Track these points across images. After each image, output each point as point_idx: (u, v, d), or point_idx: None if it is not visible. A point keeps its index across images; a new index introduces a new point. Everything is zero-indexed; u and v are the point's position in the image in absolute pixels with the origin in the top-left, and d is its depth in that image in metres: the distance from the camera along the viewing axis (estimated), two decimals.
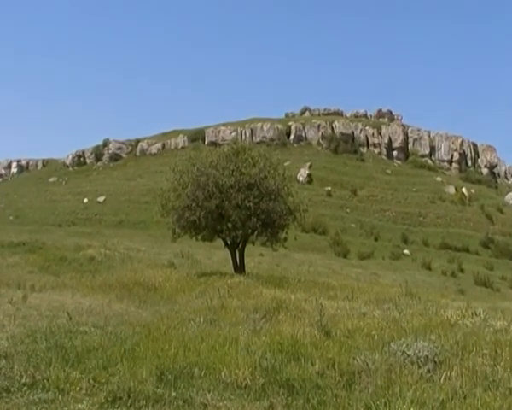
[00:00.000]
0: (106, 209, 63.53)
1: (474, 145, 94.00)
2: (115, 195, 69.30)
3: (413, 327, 8.10)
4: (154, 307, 11.22)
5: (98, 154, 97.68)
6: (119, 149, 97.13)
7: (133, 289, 14.00)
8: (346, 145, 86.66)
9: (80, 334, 7.85)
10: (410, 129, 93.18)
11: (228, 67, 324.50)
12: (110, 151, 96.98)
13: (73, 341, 7.33)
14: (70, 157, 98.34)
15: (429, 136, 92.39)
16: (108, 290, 13.64)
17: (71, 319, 8.76)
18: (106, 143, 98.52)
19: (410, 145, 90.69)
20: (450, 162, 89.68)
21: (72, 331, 7.97)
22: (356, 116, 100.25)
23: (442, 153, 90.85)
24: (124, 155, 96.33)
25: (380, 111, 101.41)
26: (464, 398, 5.38)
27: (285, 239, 19.97)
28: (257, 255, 35.00)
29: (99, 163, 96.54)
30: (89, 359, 6.56)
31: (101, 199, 67.79)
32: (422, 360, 6.38)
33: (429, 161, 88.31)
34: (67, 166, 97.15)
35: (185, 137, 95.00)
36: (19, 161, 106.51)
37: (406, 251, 55.31)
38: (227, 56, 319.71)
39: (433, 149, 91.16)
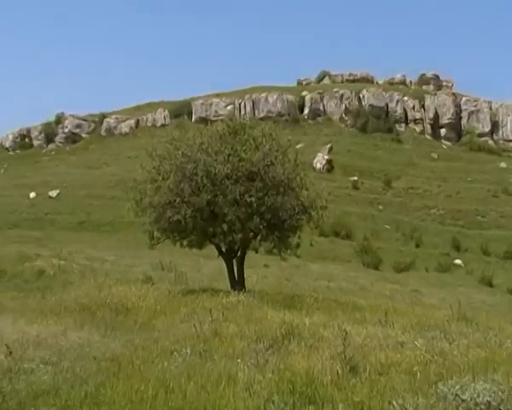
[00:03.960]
0: (60, 207, 63.46)
1: None
2: (73, 188, 69.29)
3: (469, 363, 8.07)
4: (126, 336, 11.19)
5: (49, 133, 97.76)
6: (78, 126, 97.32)
7: (97, 313, 13.96)
8: (377, 122, 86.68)
9: (25, 374, 7.81)
10: (463, 99, 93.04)
11: (220, 19, 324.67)
12: (66, 130, 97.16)
13: (15, 383, 7.30)
14: (11, 137, 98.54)
15: (490, 108, 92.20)
16: (64, 315, 13.59)
17: (11, 353, 8.68)
18: (60, 119, 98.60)
19: (464, 121, 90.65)
20: None
21: (13, 371, 7.93)
22: (391, 83, 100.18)
23: (508, 130, 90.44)
24: (84, 135, 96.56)
25: (423, 76, 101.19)
26: None
27: (297, 245, 19.93)
28: (261, 267, 34.93)
29: (50, 145, 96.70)
30: (37, 407, 6.53)
31: (53, 193, 67.76)
32: (483, 407, 6.33)
33: (490, 142, 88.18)
34: (7, 150, 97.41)
35: (166, 112, 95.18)
36: None
37: (458, 261, 55.23)
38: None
39: (495, 126, 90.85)
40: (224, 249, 19.10)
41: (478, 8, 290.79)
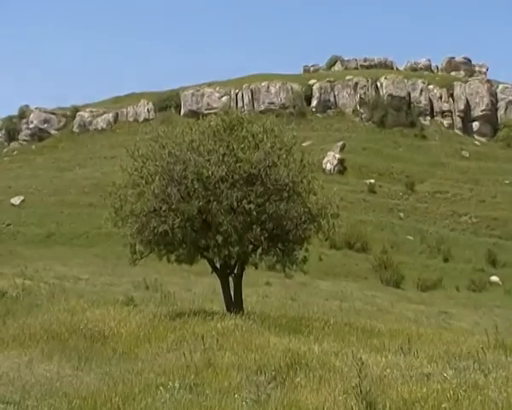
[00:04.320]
0: (25, 216, 63.53)
1: None
2: (40, 194, 69.39)
3: (508, 399, 8.05)
4: (103, 368, 11.18)
5: (11, 129, 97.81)
6: (46, 121, 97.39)
7: (69, 341, 13.94)
8: (398, 115, 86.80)
9: None
10: (500, 87, 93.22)
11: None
12: (31, 125, 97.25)
13: None
14: None
15: None
16: (29, 343, 13.55)
17: None
18: (24, 113, 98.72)
19: (501, 112, 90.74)
20: None
21: None
22: (414, 69, 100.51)
23: None
24: (53, 132, 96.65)
25: (451, 61, 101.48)
26: None
27: (304, 260, 19.91)
28: (262, 285, 35.01)
29: (13, 144, 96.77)
30: None
31: (16, 201, 67.77)
32: None
33: None
34: None
35: (150, 104, 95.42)
36: None
37: (495, 278, 55.19)
38: None
39: None
40: (218, 265, 19.10)
41: None
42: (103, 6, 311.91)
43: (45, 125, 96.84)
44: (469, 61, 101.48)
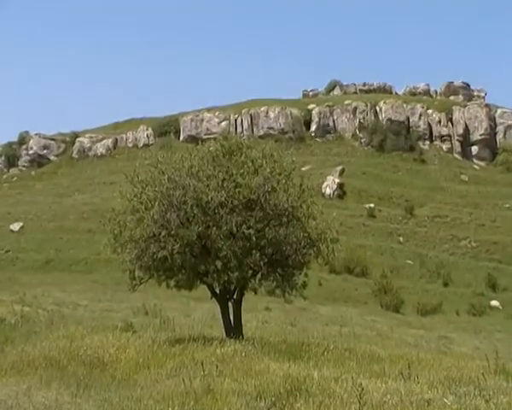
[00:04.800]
0: (24, 243, 63.52)
1: None
2: (39, 220, 69.41)
3: None
4: (102, 395, 11.14)
5: (11, 155, 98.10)
6: (45, 147, 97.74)
7: (68, 368, 13.90)
8: (397, 139, 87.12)
9: None
10: (499, 111, 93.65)
11: (214, 22, 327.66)
12: (30, 151, 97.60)
13: None
14: None
15: None
16: (27, 371, 13.51)
17: None
18: (24, 139, 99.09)
19: (500, 137, 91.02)
20: None
21: None
22: (413, 94, 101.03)
23: None
24: (52, 158, 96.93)
25: (450, 85, 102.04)
26: None
27: (304, 285, 19.88)
28: (261, 310, 34.92)
29: (12, 170, 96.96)
30: None
31: (15, 227, 67.78)
32: None
33: None
34: None
35: (149, 130, 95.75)
36: None
37: (495, 303, 55.05)
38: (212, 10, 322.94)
39: None
40: (217, 290, 19.05)
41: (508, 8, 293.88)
42: (103, 32, 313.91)
43: (45, 152, 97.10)
44: (468, 85, 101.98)
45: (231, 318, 19.19)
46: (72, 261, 57.81)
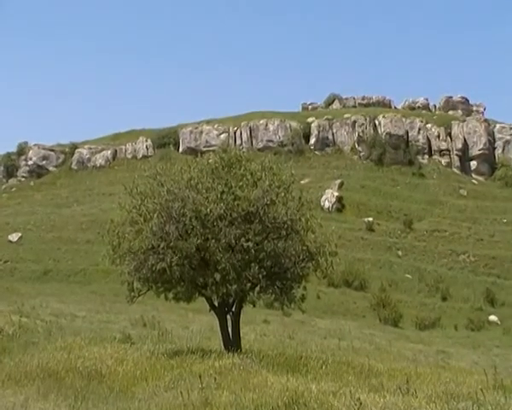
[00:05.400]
0: (22, 253, 63.45)
1: None
2: (38, 230, 69.34)
3: None
4: (100, 407, 11.13)
5: (10, 166, 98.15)
6: (45, 158, 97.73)
7: (65, 379, 13.86)
8: (396, 153, 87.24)
9: None
10: (497, 126, 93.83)
11: (213, 34, 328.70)
12: (30, 162, 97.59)
13: None
14: None
15: None
16: (24, 382, 13.46)
17: None
18: (23, 150, 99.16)
19: (499, 151, 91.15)
20: None
21: None
22: (412, 108, 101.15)
23: None
24: (52, 169, 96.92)
25: (449, 100, 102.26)
26: None
27: (302, 298, 19.87)
28: (260, 323, 34.88)
29: (11, 181, 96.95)
30: None
31: (14, 237, 67.69)
32: None
33: None
34: None
35: (148, 142, 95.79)
36: None
37: (494, 317, 55.02)
38: (211, 21, 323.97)
39: None
40: (216, 303, 19.02)
41: (509, 23, 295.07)
42: (101, 44, 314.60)
43: (44, 162, 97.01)
44: (467, 100, 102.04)
45: (230, 330, 19.16)
46: (71, 272, 57.75)
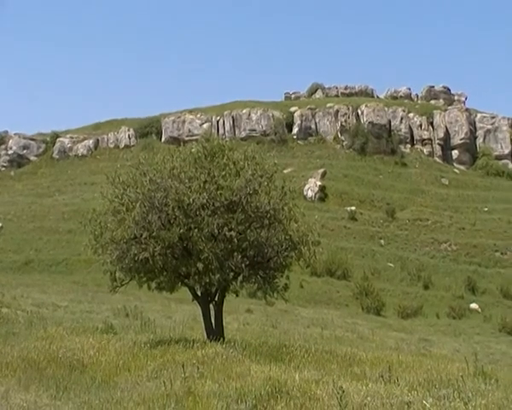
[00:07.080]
0: (3, 243, 62.93)
1: None
2: (18, 220, 68.83)
3: None
4: (82, 397, 11.09)
5: None
6: (25, 147, 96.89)
7: (47, 370, 13.80)
8: (378, 142, 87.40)
9: None
10: (478, 116, 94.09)
11: (196, 24, 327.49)
12: (10, 151, 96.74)
13: None
14: None
15: (510, 126, 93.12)
16: (5, 373, 13.36)
17: None
18: (3, 139, 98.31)
19: (480, 141, 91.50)
20: None
21: None
22: (394, 97, 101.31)
23: None
24: (33, 158, 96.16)
25: (431, 89, 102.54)
26: None
27: (285, 287, 19.90)
28: (243, 312, 34.94)
29: None
30: None
31: None
32: None
33: (511, 166, 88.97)
34: None
35: (131, 131, 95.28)
36: None
37: (474, 305, 55.34)
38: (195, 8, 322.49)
39: None
40: (199, 292, 19.04)
41: (490, 13, 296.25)
42: (86, 31, 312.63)
43: (25, 152, 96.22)
44: (449, 89, 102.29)
45: (212, 320, 19.19)
46: (53, 262, 57.41)
